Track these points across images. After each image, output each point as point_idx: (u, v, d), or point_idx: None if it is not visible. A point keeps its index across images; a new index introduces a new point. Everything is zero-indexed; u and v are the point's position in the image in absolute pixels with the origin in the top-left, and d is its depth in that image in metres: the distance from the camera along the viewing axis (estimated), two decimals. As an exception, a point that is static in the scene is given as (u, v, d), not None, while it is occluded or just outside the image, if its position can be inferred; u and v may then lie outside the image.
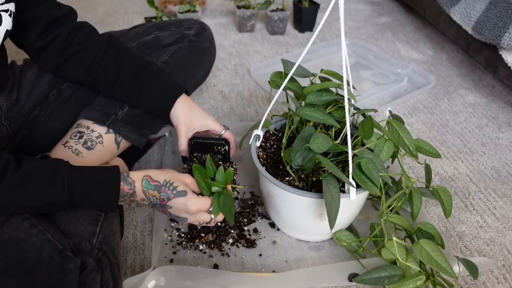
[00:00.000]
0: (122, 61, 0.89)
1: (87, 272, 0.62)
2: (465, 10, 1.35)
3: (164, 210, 0.75)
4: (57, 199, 0.65)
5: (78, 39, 0.88)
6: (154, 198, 0.73)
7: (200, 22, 1.11)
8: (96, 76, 0.89)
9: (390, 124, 0.84)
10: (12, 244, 0.62)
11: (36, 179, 0.65)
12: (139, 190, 0.72)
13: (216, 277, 0.79)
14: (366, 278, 0.72)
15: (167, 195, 0.73)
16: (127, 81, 0.89)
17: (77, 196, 0.67)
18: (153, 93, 0.89)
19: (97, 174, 0.70)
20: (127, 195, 0.72)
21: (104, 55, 0.88)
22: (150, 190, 0.73)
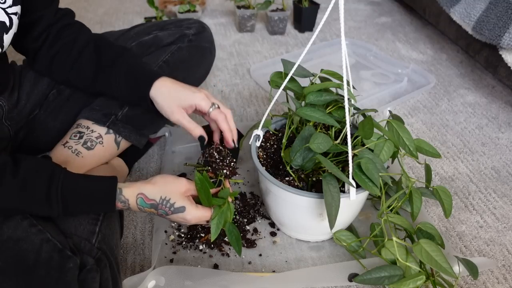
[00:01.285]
0: (101, 50, 0.87)
1: (87, 271, 0.62)
2: (465, 10, 1.35)
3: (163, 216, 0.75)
4: (51, 212, 0.66)
5: (65, 34, 0.88)
6: (152, 214, 0.74)
7: (200, 22, 1.11)
8: (80, 68, 0.87)
9: (390, 124, 0.84)
10: (12, 243, 0.62)
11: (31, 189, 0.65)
12: (134, 207, 0.71)
13: (216, 277, 0.79)
14: (366, 278, 0.72)
15: (164, 212, 0.72)
16: (106, 69, 0.86)
17: (72, 209, 0.67)
18: (129, 79, 0.85)
19: (92, 187, 0.69)
20: (122, 209, 0.73)
21: (86, 47, 0.87)
22: (147, 208, 0.72)
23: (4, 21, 0.73)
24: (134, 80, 0.84)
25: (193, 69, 1.09)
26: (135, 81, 0.84)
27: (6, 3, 0.73)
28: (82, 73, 0.88)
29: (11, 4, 0.74)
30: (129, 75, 0.85)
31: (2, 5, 0.73)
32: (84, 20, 0.93)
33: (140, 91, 0.83)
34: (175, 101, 0.81)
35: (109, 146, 0.93)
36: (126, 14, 1.92)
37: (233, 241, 0.77)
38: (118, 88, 0.86)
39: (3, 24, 0.73)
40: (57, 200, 0.65)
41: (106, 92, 0.90)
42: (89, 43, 0.88)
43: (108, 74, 0.86)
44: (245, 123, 1.23)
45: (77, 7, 1.95)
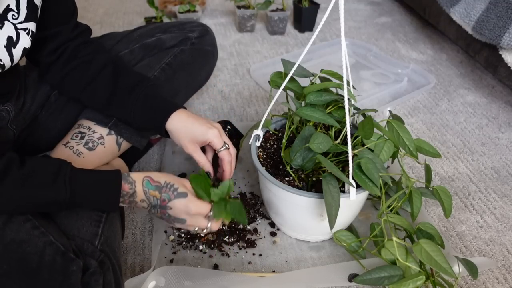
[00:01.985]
0: (119, 75, 0.87)
1: (90, 274, 0.62)
2: (465, 10, 1.35)
3: (163, 212, 0.73)
4: (58, 197, 0.65)
5: (83, 53, 0.88)
6: (155, 199, 0.72)
7: (203, 25, 1.12)
8: (95, 90, 0.87)
9: (390, 124, 0.84)
10: (15, 245, 0.62)
11: (39, 176, 0.65)
12: (140, 191, 0.72)
13: (216, 278, 0.79)
14: (366, 278, 0.73)
15: (168, 195, 0.72)
16: (123, 95, 0.86)
17: (79, 195, 0.67)
18: (147, 108, 0.86)
19: (99, 174, 0.70)
20: (127, 195, 0.71)
21: (103, 68, 0.87)
22: (151, 190, 0.72)
23: (11, 36, 0.74)
24: (151, 110, 0.86)
25: (195, 72, 1.09)
26: (151, 111, 0.86)
27: (19, 19, 0.74)
28: (97, 95, 0.88)
29: (23, 20, 0.75)
30: (147, 104, 0.85)
31: (14, 21, 0.74)
32: (84, 20, 0.93)
33: (156, 121, 0.85)
34: (189, 135, 0.84)
35: (110, 147, 0.93)
36: (126, 14, 1.92)
37: (237, 215, 0.75)
38: (132, 115, 0.86)
39: (10, 39, 0.73)
40: (64, 183, 0.65)
41: (118, 116, 0.90)
42: (107, 66, 0.87)
43: (124, 100, 0.86)
44: (245, 123, 1.23)
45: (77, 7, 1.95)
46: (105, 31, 1.56)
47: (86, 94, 0.88)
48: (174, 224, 0.76)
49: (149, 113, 0.86)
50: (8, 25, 0.73)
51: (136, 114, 0.86)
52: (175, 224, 0.75)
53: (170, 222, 0.76)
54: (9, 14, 0.73)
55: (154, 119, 0.85)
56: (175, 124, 0.84)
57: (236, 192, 1.03)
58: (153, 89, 0.88)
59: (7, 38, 0.73)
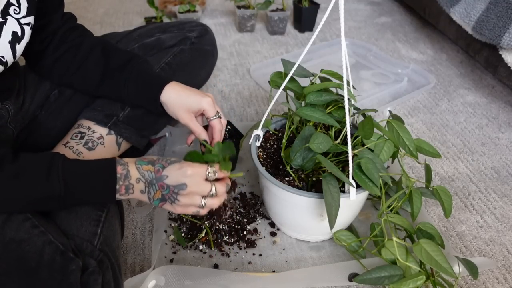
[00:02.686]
0: (109, 55, 0.88)
1: (89, 274, 0.62)
2: (465, 10, 1.35)
3: (162, 184, 0.70)
4: (53, 192, 0.64)
5: (71, 37, 0.89)
6: (149, 173, 0.69)
7: (202, 25, 1.12)
8: (86, 71, 0.88)
9: (390, 124, 0.84)
10: (14, 245, 0.62)
11: (32, 171, 0.64)
12: (133, 170, 0.69)
13: (216, 277, 0.79)
14: (366, 278, 0.73)
15: (161, 165, 0.70)
16: (115, 73, 0.87)
17: (73, 187, 0.65)
18: (140, 83, 0.86)
19: (92, 163, 0.69)
20: (122, 177, 0.68)
21: (93, 49, 0.88)
22: (144, 165, 0.70)
23: (16, 32, 0.73)
24: (145, 84, 0.86)
25: (195, 72, 1.09)
26: (146, 85, 0.86)
27: (21, 13, 0.74)
28: (88, 76, 0.88)
29: (25, 14, 0.75)
30: (140, 80, 0.86)
31: (17, 16, 0.73)
32: (84, 20, 0.94)
33: (151, 95, 0.86)
34: (184, 105, 0.85)
35: (110, 147, 0.93)
36: (126, 14, 1.92)
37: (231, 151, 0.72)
38: (126, 92, 0.87)
39: (15, 35, 0.73)
40: (58, 177, 0.64)
41: (111, 95, 0.90)
42: (95, 47, 0.89)
43: (116, 78, 0.87)
44: (245, 123, 1.23)
45: (77, 7, 1.95)
46: (105, 31, 1.56)
47: (78, 77, 0.89)
48: (177, 192, 0.70)
49: (143, 87, 0.86)
50: (11, 20, 0.72)
51: (130, 90, 0.86)
52: (178, 192, 0.70)
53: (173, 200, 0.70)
54: (11, 9, 0.72)
55: (149, 92, 0.86)
56: (170, 95, 0.85)
57: (236, 192, 1.03)
58: (145, 64, 0.89)
59: (12, 34, 0.73)
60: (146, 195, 0.70)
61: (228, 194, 0.86)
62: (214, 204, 0.71)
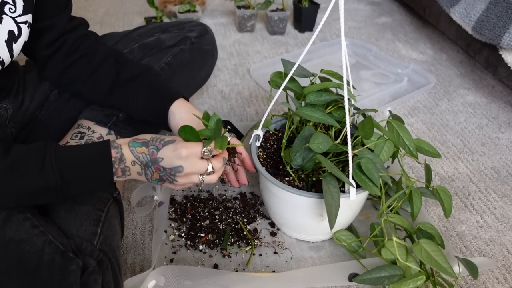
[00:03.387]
0: (121, 65, 0.88)
1: (89, 274, 0.62)
2: (465, 10, 1.35)
3: (158, 167, 0.69)
4: (49, 182, 0.63)
5: (84, 45, 0.88)
6: (144, 155, 0.69)
7: (202, 24, 1.12)
8: (98, 80, 0.87)
9: (390, 124, 0.84)
10: (14, 244, 0.61)
11: (25, 163, 0.63)
12: (127, 152, 0.69)
13: (216, 277, 0.79)
14: (366, 278, 0.73)
15: (155, 147, 0.69)
16: (126, 84, 0.87)
17: (69, 176, 0.64)
18: (151, 94, 0.86)
19: (85, 149, 0.68)
20: (116, 160, 0.68)
21: (106, 59, 0.88)
22: (138, 147, 0.69)
23: (13, 30, 0.73)
24: (155, 96, 0.86)
25: (195, 72, 1.09)
26: (156, 97, 0.86)
27: (16, 12, 0.73)
28: (99, 85, 0.88)
29: (21, 13, 0.74)
30: (150, 92, 0.86)
31: (12, 14, 0.73)
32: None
33: (160, 106, 0.85)
34: (189, 120, 0.82)
35: (109, 147, 0.93)
36: (126, 14, 1.92)
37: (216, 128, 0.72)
38: (135, 104, 0.86)
39: (11, 33, 0.73)
40: (52, 167, 0.63)
41: (119, 105, 0.90)
42: (109, 57, 0.88)
43: (126, 88, 0.86)
44: (245, 123, 1.23)
45: (77, 7, 1.95)
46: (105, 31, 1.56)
47: (88, 85, 0.88)
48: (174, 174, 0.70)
49: (152, 100, 0.85)
50: (7, 19, 0.72)
51: (139, 100, 0.86)
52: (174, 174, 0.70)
53: (171, 180, 0.71)
54: (6, 8, 0.72)
55: (159, 103, 0.85)
56: (181, 107, 0.84)
57: (236, 192, 1.03)
58: (157, 78, 0.88)
59: (8, 33, 0.72)
60: (143, 176, 0.71)
61: (230, 163, 0.82)
62: (212, 180, 0.73)
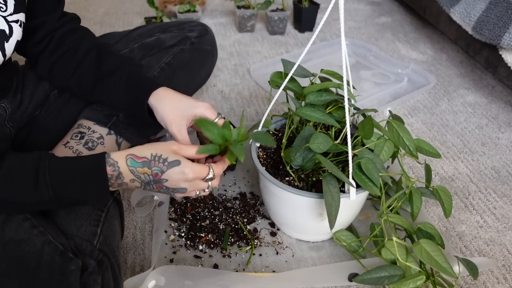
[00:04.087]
0: (102, 59, 0.86)
1: (88, 274, 0.62)
2: (465, 10, 1.35)
3: (160, 186, 0.68)
4: (43, 197, 0.62)
5: (70, 39, 0.87)
6: (146, 176, 0.66)
7: (202, 24, 1.11)
8: (81, 76, 0.86)
9: (390, 124, 0.84)
10: (13, 245, 0.61)
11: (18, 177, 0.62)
12: (125, 171, 0.66)
13: (216, 277, 0.79)
14: (366, 278, 0.72)
15: (159, 168, 0.66)
16: (106, 78, 0.84)
17: (62, 191, 0.63)
18: (132, 84, 0.82)
19: (80, 164, 0.66)
20: (112, 177, 0.66)
21: (88, 53, 0.86)
22: (139, 168, 0.66)
23: (4, 29, 0.72)
24: (134, 88, 0.82)
25: (195, 72, 1.09)
26: (134, 88, 0.82)
27: (7, 11, 0.73)
28: (83, 81, 0.86)
29: (12, 12, 0.73)
30: (129, 83, 0.82)
31: (3, 13, 0.72)
32: (84, 20, 0.93)
33: (138, 98, 0.80)
34: (176, 109, 0.78)
35: (110, 147, 0.93)
36: (126, 14, 1.92)
37: (238, 151, 0.67)
38: (116, 97, 0.83)
39: (2, 33, 0.72)
40: (45, 183, 0.62)
41: (104, 100, 0.87)
42: (91, 50, 0.86)
43: (107, 82, 0.84)
44: (245, 123, 1.23)
45: (77, 7, 1.95)
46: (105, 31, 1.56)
47: (74, 81, 0.87)
48: (175, 195, 0.70)
49: (132, 90, 0.82)
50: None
51: (120, 94, 0.83)
52: (176, 193, 0.70)
53: (171, 193, 0.71)
54: None
55: (137, 95, 0.81)
56: (161, 97, 0.78)
57: (236, 192, 1.03)
58: (136, 69, 0.85)
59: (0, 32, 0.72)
60: (141, 189, 0.70)
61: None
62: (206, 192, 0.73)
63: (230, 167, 1.08)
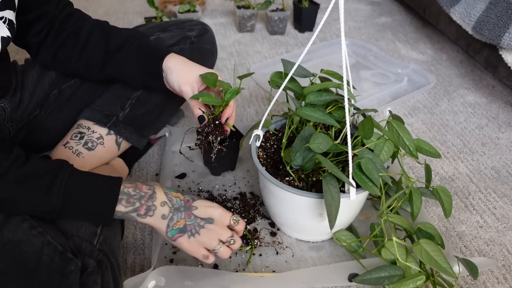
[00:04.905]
0: (108, 36, 0.88)
1: (88, 274, 0.62)
2: (465, 10, 1.35)
3: (189, 214, 0.70)
4: (49, 206, 0.63)
5: (70, 23, 0.89)
6: (178, 200, 0.70)
7: (202, 24, 1.12)
8: (88, 56, 0.88)
9: (390, 124, 0.84)
10: (12, 245, 0.61)
11: (35, 180, 0.63)
12: (160, 192, 0.69)
13: (216, 277, 0.79)
14: (366, 278, 0.72)
15: (191, 197, 0.72)
16: (116, 53, 0.87)
17: (70, 204, 0.64)
18: (142, 57, 0.87)
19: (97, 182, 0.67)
20: (146, 196, 0.68)
21: (93, 32, 0.88)
22: (173, 192, 0.71)
23: None
24: (146, 57, 0.87)
25: None
26: (147, 57, 0.87)
27: None
28: (91, 61, 0.88)
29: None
30: (141, 53, 0.87)
31: None
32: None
33: (153, 66, 0.86)
34: (188, 72, 0.85)
35: (109, 147, 0.93)
36: (126, 14, 1.92)
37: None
38: (129, 69, 0.87)
39: None
40: (58, 189, 0.63)
41: (116, 76, 0.90)
42: (94, 30, 0.89)
43: (117, 57, 0.87)
44: (245, 123, 1.23)
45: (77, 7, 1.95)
46: (105, 31, 1.56)
47: (82, 63, 0.89)
48: (199, 232, 0.70)
49: (145, 59, 0.87)
50: None
51: (133, 65, 0.87)
52: (200, 232, 0.70)
53: (194, 232, 0.70)
54: None
55: (151, 63, 0.86)
56: (176, 61, 0.85)
57: (236, 192, 1.03)
58: (144, 39, 0.89)
59: None
60: (166, 222, 0.69)
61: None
62: (225, 254, 0.73)
63: (230, 167, 1.08)
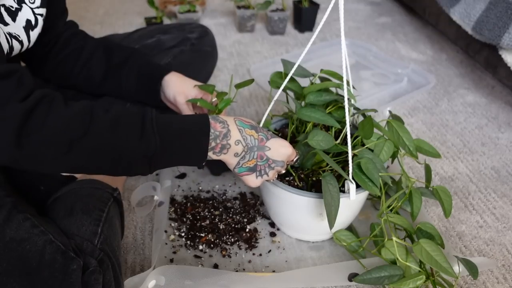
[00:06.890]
0: (111, 53, 0.91)
1: (89, 273, 0.62)
2: (465, 10, 1.35)
3: (261, 154, 0.69)
4: (149, 148, 0.61)
5: (74, 41, 0.92)
6: (252, 138, 0.68)
7: (202, 26, 1.12)
8: (90, 71, 0.91)
9: (390, 124, 0.84)
10: (15, 244, 0.61)
11: (126, 122, 0.61)
12: (234, 129, 0.67)
13: (216, 277, 0.79)
14: (366, 278, 0.73)
15: (264, 135, 0.70)
16: (117, 70, 0.90)
17: (168, 143, 0.62)
18: (142, 75, 0.89)
19: (185, 119, 0.67)
20: (220, 135, 0.66)
21: (96, 49, 0.91)
22: (247, 129, 0.69)
23: (30, 20, 0.76)
24: (146, 76, 0.89)
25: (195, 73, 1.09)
26: (146, 77, 0.89)
27: (35, 3, 0.76)
28: (92, 76, 0.91)
29: (39, 5, 0.77)
30: (141, 72, 0.89)
31: (31, 5, 0.76)
32: (84, 20, 0.95)
33: (152, 84, 0.88)
34: (183, 85, 0.87)
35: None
36: (126, 15, 1.92)
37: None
38: (127, 86, 0.90)
39: (29, 22, 0.76)
40: (153, 130, 0.61)
41: (113, 92, 0.92)
42: (98, 47, 0.92)
43: (118, 73, 0.90)
44: (245, 123, 1.23)
45: (77, 7, 1.95)
46: (105, 31, 1.56)
47: (82, 77, 0.91)
48: (268, 173, 0.71)
49: (144, 78, 0.89)
50: (26, 8, 0.75)
51: (131, 84, 0.90)
52: (268, 173, 0.71)
53: (263, 173, 0.72)
54: None
55: (150, 82, 0.89)
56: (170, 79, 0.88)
57: (236, 192, 1.03)
58: (146, 58, 0.92)
59: (26, 21, 0.75)
60: (237, 159, 0.70)
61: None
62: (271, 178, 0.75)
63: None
